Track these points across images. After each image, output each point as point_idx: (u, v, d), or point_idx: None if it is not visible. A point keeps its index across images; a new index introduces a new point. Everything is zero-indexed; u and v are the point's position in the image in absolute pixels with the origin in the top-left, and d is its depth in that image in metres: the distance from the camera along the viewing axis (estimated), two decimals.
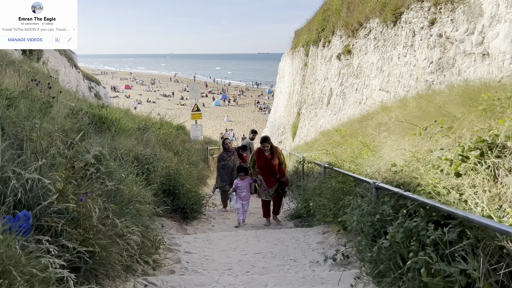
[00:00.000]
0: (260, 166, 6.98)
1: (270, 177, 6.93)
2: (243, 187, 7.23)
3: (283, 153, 7.34)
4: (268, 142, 6.99)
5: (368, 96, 10.54)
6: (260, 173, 7.02)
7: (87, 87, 38.06)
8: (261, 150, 7.00)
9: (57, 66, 28.33)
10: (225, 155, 8.62)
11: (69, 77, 31.04)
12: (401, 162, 4.33)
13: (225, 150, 8.71)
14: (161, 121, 10.15)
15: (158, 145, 8.66)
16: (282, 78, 31.91)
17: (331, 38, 14.41)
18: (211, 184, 12.34)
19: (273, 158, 6.95)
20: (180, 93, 67.71)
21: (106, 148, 4.59)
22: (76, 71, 34.46)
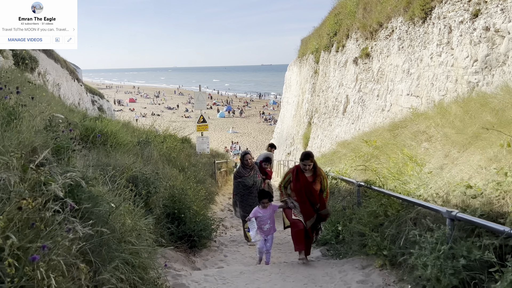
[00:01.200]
0: (297, 190, 5.20)
1: (308, 206, 5.17)
2: (266, 218, 5.46)
3: (326, 177, 5.48)
4: (311, 159, 5.17)
5: (393, 102, 9.51)
6: (296, 198, 5.27)
7: (90, 100, 37.35)
8: (300, 170, 5.24)
9: (59, 80, 27.60)
10: (243, 171, 7.05)
11: (71, 91, 30.33)
12: (479, 182, 3.29)
13: (243, 166, 7.12)
14: (164, 134, 9.17)
15: (161, 161, 7.66)
16: (289, 88, 31.02)
17: (345, 42, 13.45)
18: (219, 202, 11.30)
19: (315, 181, 5.19)
20: (184, 105, 67.14)
21: (90, 169, 3.58)
22: (79, 85, 33.75)
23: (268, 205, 5.53)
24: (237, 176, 7.08)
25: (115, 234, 3.25)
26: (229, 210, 10.57)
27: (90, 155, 5.89)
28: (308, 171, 5.20)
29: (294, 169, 5.35)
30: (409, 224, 4.16)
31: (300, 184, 5.18)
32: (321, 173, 5.30)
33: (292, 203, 5.27)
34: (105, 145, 6.31)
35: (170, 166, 7.83)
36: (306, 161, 5.16)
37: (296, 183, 5.22)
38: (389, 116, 9.68)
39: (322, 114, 15.64)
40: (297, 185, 5.21)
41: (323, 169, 5.92)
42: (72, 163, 3.51)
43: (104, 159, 5.84)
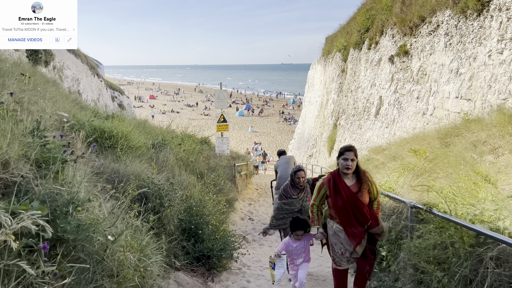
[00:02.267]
0: (339, 207, 3.82)
1: (356, 225, 3.82)
2: (300, 251, 4.45)
3: (375, 182, 4.09)
4: (354, 153, 3.86)
5: (437, 105, 8.48)
6: (338, 218, 3.90)
7: (110, 96, 37.18)
8: (338, 177, 3.87)
9: (78, 75, 27.35)
10: (291, 191, 5.38)
11: (91, 86, 30.09)
12: None
13: (293, 184, 5.45)
14: (182, 135, 8.37)
15: (177, 166, 6.87)
16: (311, 87, 29.99)
17: (378, 39, 12.43)
18: (239, 209, 10.47)
19: (361, 191, 3.82)
20: (203, 103, 66.77)
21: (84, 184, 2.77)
22: (99, 80, 33.52)
23: (303, 237, 4.48)
24: (283, 196, 5.48)
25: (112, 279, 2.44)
26: (249, 218, 9.73)
27: (97, 161, 5.14)
28: (350, 178, 3.87)
29: (330, 178, 3.92)
30: (489, 265, 3.23)
31: (341, 198, 3.78)
32: (368, 177, 3.95)
33: (321, 233, 4.13)
34: (114, 148, 5.55)
35: (187, 172, 7.03)
36: (348, 153, 3.79)
37: (335, 197, 3.81)
38: (431, 121, 8.66)
39: (351, 116, 14.63)
40: (337, 200, 3.80)
41: None
42: (62, 178, 2.71)
43: (112, 165, 5.07)
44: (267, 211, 10.58)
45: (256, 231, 8.07)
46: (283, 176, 7.56)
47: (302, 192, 5.43)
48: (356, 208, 3.80)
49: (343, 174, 3.87)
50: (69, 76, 25.23)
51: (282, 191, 5.53)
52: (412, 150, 6.08)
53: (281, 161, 7.75)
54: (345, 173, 3.85)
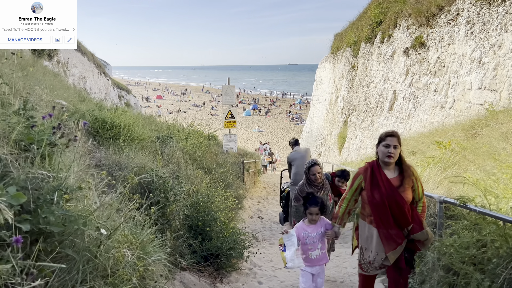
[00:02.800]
0: (375, 202, 3.16)
1: (393, 226, 3.16)
2: (315, 239, 3.66)
3: (420, 178, 3.36)
4: (397, 139, 3.19)
5: (457, 97, 8.04)
6: (373, 216, 3.23)
7: (117, 95, 37.03)
8: (377, 167, 3.26)
9: (85, 73, 27.21)
10: (308, 191, 4.48)
11: (97, 85, 29.95)
12: None
13: (309, 183, 4.63)
14: (189, 129, 8.01)
15: (183, 160, 6.51)
16: (319, 85, 29.57)
17: (392, 32, 11.99)
18: (248, 207, 10.09)
19: (403, 185, 3.16)
20: (210, 103, 66.54)
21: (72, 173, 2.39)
22: (106, 79, 33.36)
23: (319, 219, 3.69)
24: (299, 197, 4.60)
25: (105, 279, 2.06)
26: (258, 217, 9.35)
27: (97, 152, 4.79)
28: (391, 169, 3.21)
29: (367, 168, 3.28)
30: None
31: (379, 192, 3.11)
32: (413, 172, 3.23)
33: (334, 231, 3.50)
34: (116, 139, 5.20)
35: (194, 167, 6.67)
36: (390, 139, 3.12)
37: (372, 190, 3.15)
38: (451, 114, 8.21)
39: (362, 112, 14.18)
40: (374, 194, 3.13)
41: None
42: (50, 163, 2.34)
43: (114, 157, 4.72)
44: (277, 210, 10.18)
45: (266, 230, 7.69)
46: (300, 172, 6.97)
47: (321, 190, 4.57)
48: (395, 205, 3.11)
49: (384, 164, 3.21)
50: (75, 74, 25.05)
51: (297, 191, 4.69)
52: (436, 142, 5.66)
53: (296, 154, 7.14)
54: (386, 162, 3.17)
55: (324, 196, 4.56)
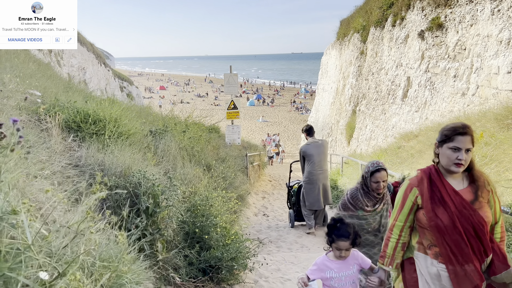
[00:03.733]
0: (442, 226, 2.17)
1: (470, 259, 2.12)
2: (344, 282, 2.63)
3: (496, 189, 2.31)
4: (471, 139, 2.17)
5: (481, 83, 7.31)
6: (438, 247, 2.20)
7: (119, 86, 36.44)
8: (438, 175, 2.26)
9: (84, 63, 26.60)
10: (364, 201, 3.42)
11: (97, 75, 29.34)
12: None
13: (366, 191, 3.43)
14: (187, 122, 7.33)
15: (180, 157, 5.86)
16: (325, 74, 28.72)
17: (405, 14, 11.19)
18: (252, 203, 9.47)
19: (477, 199, 2.19)
20: (214, 93, 65.82)
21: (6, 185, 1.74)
22: (106, 69, 32.72)
23: (349, 254, 2.64)
24: (348, 206, 3.47)
25: None
26: (264, 214, 8.72)
27: (78, 150, 4.16)
28: (458, 178, 2.24)
29: (422, 177, 2.31)
30: None
31: (447, 209, 2.18)
32: (487, 180, 2.27)
33: (381, 280, 2.49)
34: (101, 135, 4.55)
35: (192, 163, 6.02)
36: (462, 139, 2.14)
37: (435, 208, 2.21)
38: (474, 102, 7.49)
39: (372, 100, 13.44)
40: (438, 212, 2.19)
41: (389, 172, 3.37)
42: None
43: (97, 155, 4.08)
44: (283, 206, 9.55)
45: (272, 230, 7.07)
46: (317, 170, 6.42)
47: (381, 203, 3.42)
48: (472, 229, 2.13)
49: (447, 172, 2.23)
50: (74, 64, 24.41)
51: (348, 198, 3.47)
52: None
53: (312, 147, 6.43)
54: (453, 171, 2.18)
55: (382, 212, 3.43)
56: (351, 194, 3.46)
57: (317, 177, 6.43)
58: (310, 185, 6.52)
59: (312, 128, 6.71)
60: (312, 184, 6.48)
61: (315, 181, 6.47)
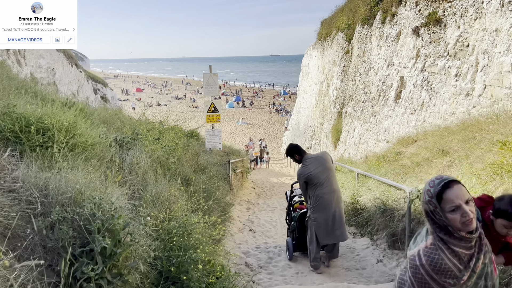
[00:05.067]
0: None
1: None
2: None
3: None
4: None
5: (489, 82, 6.62)
6: None
7: (92, 88, 34.89)
8: None
9: (54, 64, 25.18)
10: (453, 265, 1.67)
11: (68, 77, 27.86)
12: None
13: (451, 241, 1.68)
14: (160, 128, 6.33)
15: (152, 171, 4.90)
16: (306, 75, 28.10)
17: (395, 10, 10.52)
18: (236, 217, 8.56)
19: None
20: (192, 95, 64.53)
21: None
22: (78, 71, 31.18)
23: None
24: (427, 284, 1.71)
25: None
26: (250, 230, 7.83)
27: (16, 169, 3.18)
28: None
29: None
30: None
31: None
32: None
33: None
34: (49, 148, 3.56)
35: (167, 178, 5.06)
36: None
37: None
38: (481, 103, 6.80)
39: (361, 102, 12.74)
40: None
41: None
42: None
43: (40, 175, 3.11)
44: (270, 219, 8.69)
45: (261, 251, 6.17)
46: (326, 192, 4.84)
47: (479, 252, 1.72)
48: None
49: None
50: (43, 65, 22.97)
51: (427, 271, 1.67)
52: (499, 142, 4.18)
53: (312, 164, 4.93)
54: None
55: (486, 268, 1.74)
56: (429, 260, 1.69)
57: (328, 201, 4.87)
58: (320, 213, 4.94)
59: (298, 146, 5.23)
60: (323, 211, 4.91)
61: (326, 207, 4.90)
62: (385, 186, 6.23)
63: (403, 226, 5.26)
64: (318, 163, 4.88)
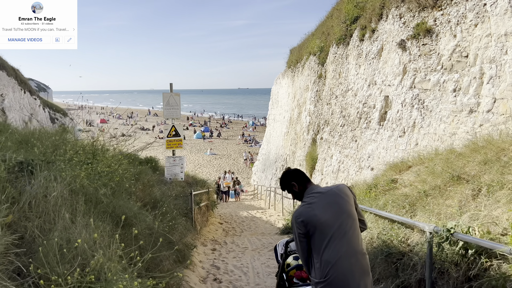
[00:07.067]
0: None
1: None
2: None
3: None
4: None
5: (500, 95, 5.60)
6: None
7: (49, 117, 32.65)
8: None
9: (3, 90, 23.14)
10: None
11: (19, 103, 25.71)
12: None
13: None
14: (94, 148, 4.77)
15: (69, 206, 3.37)
16: (276, 104, 27.24)
17: (376, 26, 9.65)
18: (199, 262, 6.98)
19: None
20: (159, 126, 62.65)
21: None
22: (32, 98, 29.04)
23: None
24: None
25: None
26: (215, 279, 6.25)
27: None
28: None
29: None
30: None
31: None
32: None
33: None
34: None
35: (95, 216, 3.53)
36: None
37: None
38: (491, 120, 5.74)
39: (338, 126, 11.64)
40: None
41: None
42: None
43: None
44: (240, 264, 7.15)
45: None
46: (341, 255, 2.66)
47: None
48: None
49: None
50: None
51: None
52: None
53: (318, 202, 2.78)
54: None
55: None
56: None
57: (347, 272, 2.63)
58: None
59: (298, 171, 3.03)
60: None
61: (344, 282, 2.64)
62: (386, 222, 4.94)
63: (419, 277, 3.92)
64: (329, 202, 2.78)
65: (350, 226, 2.75)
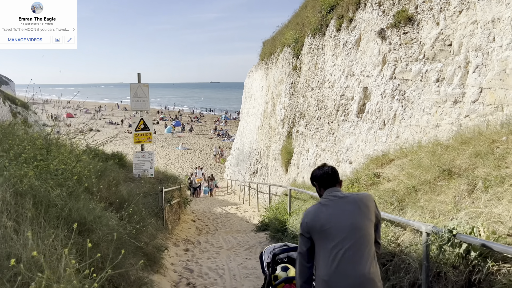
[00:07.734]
0: None
1: None
2: None
3: None
4: None
5: (487, 85, 5.37)
6: None
7: (10, 111, 30.87)
8: None
9: None
10: None
11: None
12: None
13: None
14: (48, 139, 4.16)
15: (12, 212, 2.82)
16: (249, 97, 26.77)
17: (353, 15, 9.35)
18: (170, 265, 6.49)
19: None
20: (128, 120, 60.93)
21: None
22: None
23: None
24: None
25: None
26: (188, 283, 5.78)
27: None
28: None
29: None
30: None
31: None
32: None
33: None
34: None
35: (45, 223, 2.99)
36: None
37: None
38: (477, 111, 5.51)
39: (314, 119, 11.33)
40: None
41: None
42: None
43: None
44: (215, 265, 6.70)
45: None
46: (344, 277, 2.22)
47: None
48: None
49: None
50: None
51: None
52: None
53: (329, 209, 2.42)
54: None
55: None
56: None
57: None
58: None
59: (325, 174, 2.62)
60: None
61: None
62: None
63: (412, 280, 3.60)
64: (343, 210, 2.41)
65: (358, 242, 2.32)
